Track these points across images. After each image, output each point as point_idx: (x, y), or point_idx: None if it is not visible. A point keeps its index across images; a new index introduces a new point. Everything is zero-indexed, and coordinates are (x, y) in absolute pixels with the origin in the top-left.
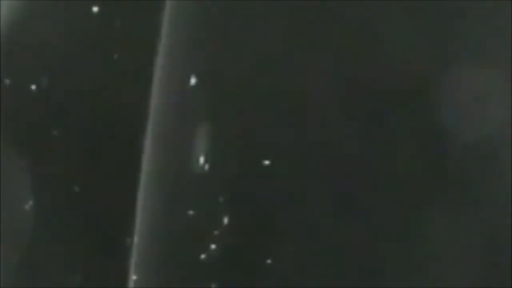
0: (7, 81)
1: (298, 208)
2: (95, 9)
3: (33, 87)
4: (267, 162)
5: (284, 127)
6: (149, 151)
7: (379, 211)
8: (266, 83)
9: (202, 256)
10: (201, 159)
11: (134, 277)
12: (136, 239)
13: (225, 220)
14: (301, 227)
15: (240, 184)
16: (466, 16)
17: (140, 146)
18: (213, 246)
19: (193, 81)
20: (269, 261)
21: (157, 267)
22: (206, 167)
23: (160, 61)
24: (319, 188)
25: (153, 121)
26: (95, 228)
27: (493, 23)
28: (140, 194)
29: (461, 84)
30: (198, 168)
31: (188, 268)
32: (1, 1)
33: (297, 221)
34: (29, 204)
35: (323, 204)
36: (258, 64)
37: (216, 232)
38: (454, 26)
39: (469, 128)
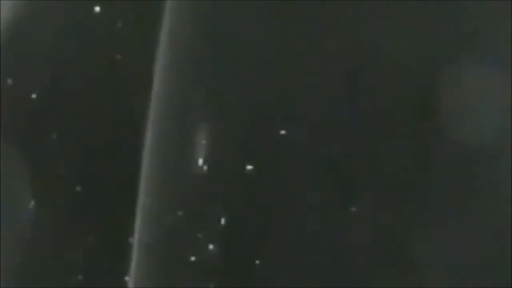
0: (9, 81)
1: (294, 209)
2: (97, 9)
3: (35, 86)
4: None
5: (283, 129)
6: (149, 152)
7: (374, 213)
8: (266, 83)
9: (201, 256)
10: (200, 160)
11: (132, 277)
12: (135, 239)
13: (223, 221)
14: (295, 228)
15: (238, 185)
16: (466, 16)
17: (140, 146)
18: (211, 247)
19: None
20: (264, 262)
21: (155, 267)
22: (205, 168)
23: (160, 61)
24: (316, 190)
25: (153, 122)
26: (97, 228)
27: (493, 23)
28: (140, 194)
29: (460, 84)
30: (197, 169)
31: (187, 268)
32: (1, 1)
33: (292, 222)
34: (31, 204)
35: (319, 207)
36: (258, 65)
37: (214, 233)
38: (454, 26)
39: (469, 128)
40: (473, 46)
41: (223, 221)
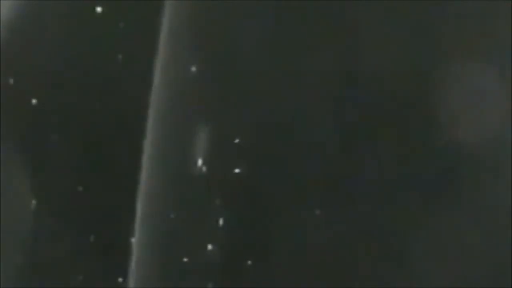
0: (10, 81)
1: (293, 210)
2: (98, 9)
3: (36, 86)
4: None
5: (283, 129)
6: (149, 152)
7: (372, 213)
8: (266, 84)
9: (199, 256)
10: (199, 161)
11: (132, 277)
12: (135, 239)
13: (221, 222)
14: (293, 229)
15: (237, 186)
16: (466, 16)
17: (140, 146)
18: (209, 247)
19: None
20: (262, 262)
21: (155, 267)
22: (204, 169)
23: (160, 61)
24: (311, 191)
25: (153, 122)
26: (97, 228)
27: (493, 23)
28: (139, 194)
29: (460, 84)
30: (196, 169)
31: (186, 268)
32: (2, 1)
33: (290, 223)
34: (31, 204)
35: (316, 208)
36: (258, 65)
37: (213, 233)
38: (454, 25)
39: (468, 128)
40: (473, 46)
41: (221, 221)
